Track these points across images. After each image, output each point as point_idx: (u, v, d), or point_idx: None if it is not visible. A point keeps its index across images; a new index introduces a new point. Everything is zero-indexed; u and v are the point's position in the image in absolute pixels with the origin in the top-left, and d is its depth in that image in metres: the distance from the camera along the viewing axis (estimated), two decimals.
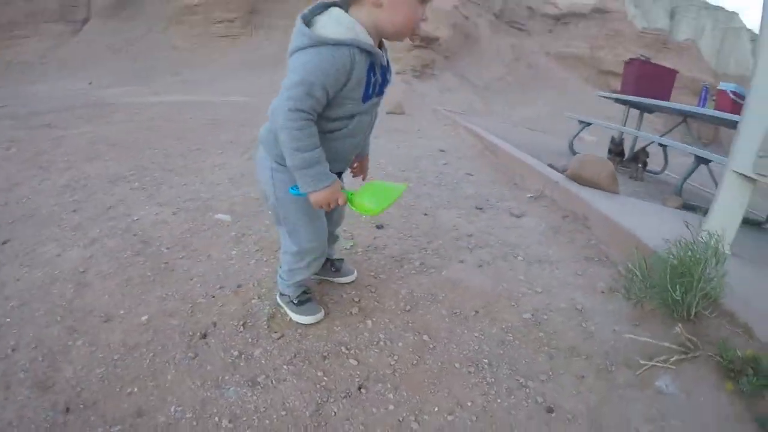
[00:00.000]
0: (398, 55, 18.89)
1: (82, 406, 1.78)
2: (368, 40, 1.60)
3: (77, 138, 5.94)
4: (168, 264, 2.74)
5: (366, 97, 1.71)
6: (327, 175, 1.70)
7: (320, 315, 2.24)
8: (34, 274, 2.65)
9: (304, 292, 2.26)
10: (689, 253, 2.22)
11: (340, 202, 1.77)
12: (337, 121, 1.73)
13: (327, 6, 1.64)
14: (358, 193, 1.81)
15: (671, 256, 2.27)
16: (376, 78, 1.71)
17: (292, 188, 1.81)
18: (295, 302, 2.23)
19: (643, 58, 7.60)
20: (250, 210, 3.53)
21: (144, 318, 2.26)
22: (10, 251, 2.93)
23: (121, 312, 2.31)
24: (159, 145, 5.65)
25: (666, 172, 7.17)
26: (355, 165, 2.14)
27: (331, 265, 2.53)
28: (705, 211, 3.07)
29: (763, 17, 2.79)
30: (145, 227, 3.20)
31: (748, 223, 4.83)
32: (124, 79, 19.14)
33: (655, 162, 7.07)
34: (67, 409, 1.76)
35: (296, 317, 2.22)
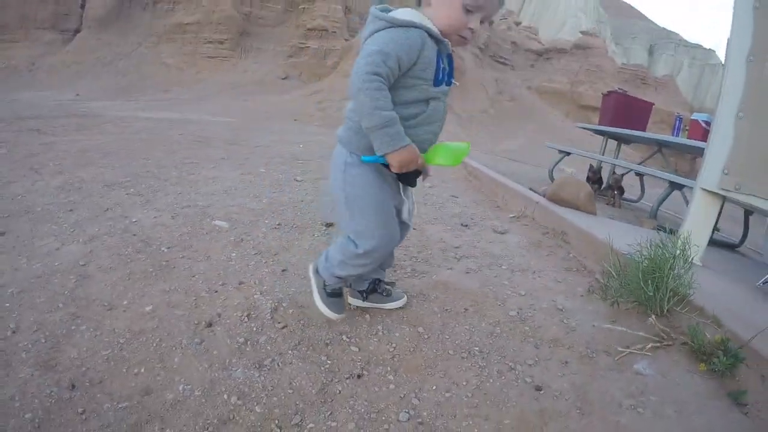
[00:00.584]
0: None
1: (87, 383, 1.83)
2: (435, 28, 1.77)
3: (68, 144, 5.98)
4: (169, 262, 2.81)
5: (437, 81, 1.82)
6: (404, 136, 1.73)
7: (342, 316, 2.20)
8: (33, 265, 2.69)
9: (340, 288, 2.24)
10: (659, 252, 2.39)
11: (420, 162, 1.81)
12: (414, 105, 1.81)
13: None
14: (431, 152, 1.87)
15: (642, 256, 2.44)
16: (444, 66, 1.83)
17: (365, 157, 1.85)
18: (327, 291, 2.18)
19: (620, 91, 7.91)
20: (248, 219, 3.62)
21: (148, 308, 2.33)
22: (6, 243, 2.95)
23: (125, 302, 2.37)
24: (151, 156, 5.71)
25: (643, 201, 7.42)
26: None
27: (383, 290, 2.40)
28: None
29: (728, 47, 3.06)
30: (144, 228, 3.26)
31: (724, 246, 5.05)
32: (112, 93, 19.18)
33: (632, 192, 7.32)
34: (73, 386, 1.81)
35: (320, 305, 2.17)
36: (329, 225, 3.61)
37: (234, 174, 5.13)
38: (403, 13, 1.76)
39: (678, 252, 2.40)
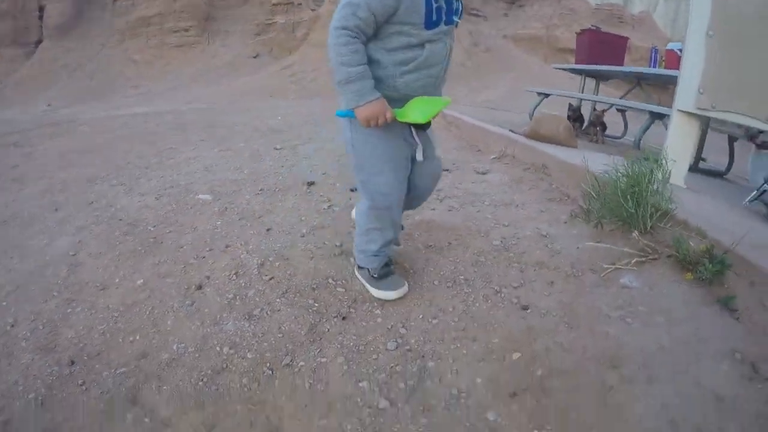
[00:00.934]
0: None
1: (86, 357, 1.90)
2: None
3: (47, 152, 5.95)
4: (156, 238, 2.85)
5: (429, 24, 1.71)
6: (372, 91, 1.72)
7: (404, 289, 2.09)
8: (25, 263, 2.73)
9: (386, 264, 2.13)
10: (636, 168, 2.40)
11: (388, 116, 1.76)
12: (407, 50, 1.75)
13: None
14: (405, 108, 1.81)
15: (619, 173, 2.46)
16: (439, 4, 1.70)
17: (338, 111, 1.84)
18: (375, 276, 2.11)
19: (594, 28, 7.82)
20: (230, 190, 3.64)
21: (139, 282, 2.38)
22: None
23: (117, 280, 2.43)
24: (130, 149, 5.70)
25: (626, 137, 7.40)
26: None
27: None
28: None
29: None
30: (130, 213, 3.30)
31: (711, 174, 5.08)
32: (83, 98, 19.00)
33: (616, 130, 7.32)
34: (72, 362, 1.87)
35: (377, 293, 2.10)
36: (311, 184, 3.64)
37: (213, 152, 5.14)
38: None
39: (654, 166, 2.40)
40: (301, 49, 22.18)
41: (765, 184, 3.28)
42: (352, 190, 3.47)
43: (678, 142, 3.24)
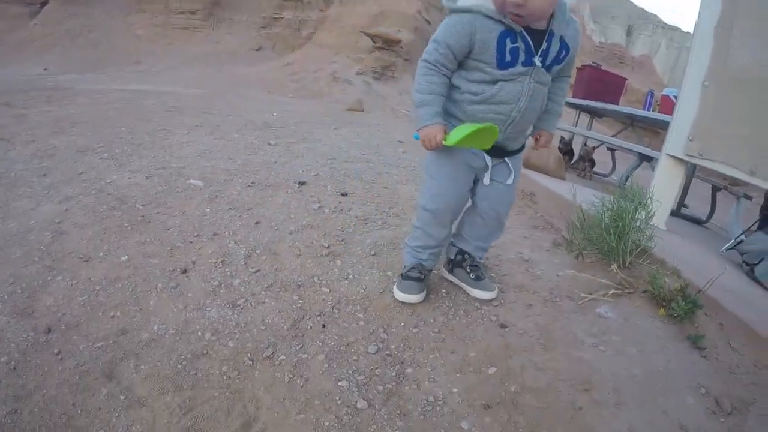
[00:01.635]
0: (360, 56, 19.13)
1: (64, 327, 1.90)
2: (492, 9, 1.72)
3: (39, 116, 5.90)
4: (144, 217, 2.85)
5: (502, 64, 1.77)
6: (432, 117, 1.84)
7: (415, 297, 2.14)
8: (7, 224, 2.71)
9: (415, 269, 2.19)
10: (621, 204, 2.48)
11: (438, 139, 1.83)
12: (478, 84, 1.84)
13: None
14: (452, 134, 1.84)
15: (605, 208, 2.54)
16: (517, 45, 1.75)
17: (415, 134, 1.94)
18: (403, 275, 2.20)
19: (594, 65, 7.96)
20: (221, 178, 3.65)
21: (124, 258, 2.38)
22: None
23: (101, 254, 2.42)
24: (124, 124, 5.67)
25: (613, 176, 7.54)
26: (537, 135, 2.13)
27: (471, 269, 2.30)
28: None
29: (698, 17, 3.15)
30: (120, 188, 3.28)
31: (692, 221, 5.20)
32: (82, 66, 18.81)
33: (604, 169, 7.44)
34: (49, 330, 1.87)
35: (394, 290, 2.19)
36: (302, 183, 3.65)
37: (208, 139, 5.13)
38: None
39: (638, 203, 2.48)
40: (305, 48, 22.16)
41: (742, 235, 3.39)
42: (342, 194, 3.49)
43: (663, 185, 3.34)
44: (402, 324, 2.00)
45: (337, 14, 22.98)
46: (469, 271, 2.27)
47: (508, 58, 1.76)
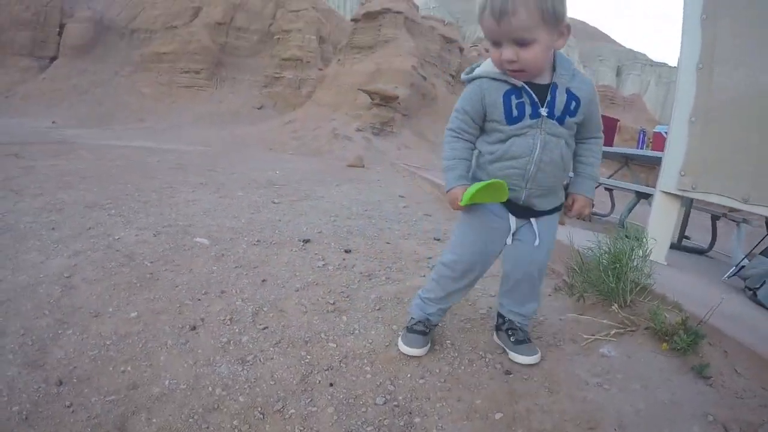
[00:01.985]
0: (359, 112, 19.55)
1: (75, 380, 1.92)
2: (496, 71, 1.87)
3: (47, 169, 6.04)
4: (153, 274, 2.91)
5: (510, 120, 1.86)
6: (455, 180, 1.96)
7: (418, 351, 2.17)
8: (18, 277, 2.77)
9: (420, 323, 2.24)
10: (618, 246, 2.55)
11: (454, 206, 1.98)
12: (494, 144, 1.93)
13: None
14: (465, 195, 1.90)
15: (602, 250, 2.61)
16: (522, 100, 1.84)
17: None
18: (408, 327, 2.26)
19: None
20: (227, 237, 3.73)
21: (133, 314, 2.43)
22: None
23: (110, 309, 2.47)
24: (130, 181, 5.80)
25: (612, 215, 7.63)
26: (570, 200, 2.14)
27: (511, 333, 2.25)
28: None
29: (679, 56, 3.31)
30: (128, 245, 3.36)
31: (694, 251, 5.26)
32: (88, 121, 19.13)
33: (603, 209, 7.55)
34: (60, 382, 1.89)
35: (399, 342, 2.24)
36: (306, 241, 3.73)
37: (213, 197, 5.24)
38: (479, 67, 1.96)
39: (635, 244, 2.55)
40: (305, 106, 22.70)
41: (743, 260, 3.43)
42: (346, 251, 3.57)
43: (660, 221, 3.45)
44: (408, 375, 2.04)
45: (335, 73, 23.59)
46: (510, 334, 2.24)
47: (515, 113, 1.85)
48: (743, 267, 3.36)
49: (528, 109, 1.84)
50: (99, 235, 3.53)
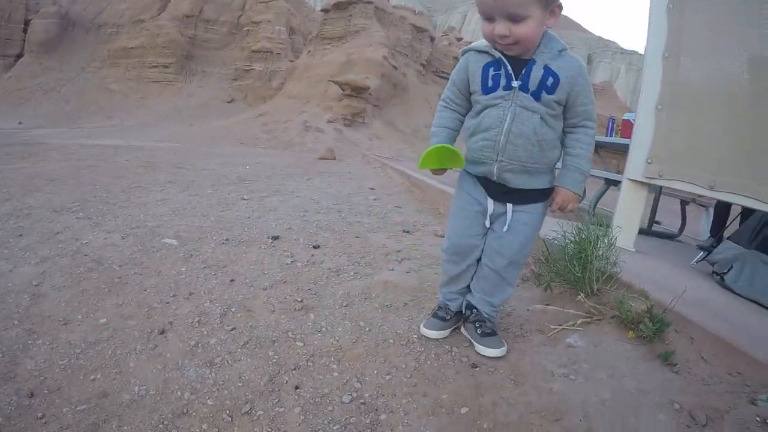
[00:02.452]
0: (330, 104, 19.49)
1: (46, 391, 1.95)
2: (484, 44, 1.97)
3: (13, 173, 5.95)
4: (121, 278, 2.92)
5: (486, 89, 1.96)
6: (434, 142, 2.05)
7: (433, 333, 2.30)
8: None
9: (442, 309, 2.36)
10: (583, 235, 2.61)
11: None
12: (474, 115, 2.05)
13: None
14: (422, 158, 1.98)
15: (567, 240, 2.67)
16: (498, 73, 1.93)
17: None
18: (432, 313, 2.39)
19: None
20: (196, 236, 3.74)
21: (102, 320, 2.45)
22: None
23: (79, 317, 2.48)
24: (99, 182, 5.74)
25: (584, 202, 7.75)
26: (554, 193, 2.12)
27: (478, 324, 2.25)
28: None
29: (646, 45, 3.40)
30: (95, 249, 3.35)
31: (665, 237, 5.40)
32: (56, 120, 18.81)
33: None
34: (32, 394, 1.92)
35: (421, 326, 2.35)
36: (275, 238, 3.76)
37: (182, 196, 5.23)
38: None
39: (601, 232, 2.60)
40: (276, 99, 22.55)
41: (711, 246, 3.53)
42: (315, 247, 3.61)
43: (628, 208, 3.54)
44: (375, 372, 2.09)
45: (305, 64, 23.46)
46: (477, 326, 2.23)
47: (490, 83, 1.95)
48: (710, 252, 3.45)
49: (502, 81, 1.93)
50: (67, 239, 3.52)
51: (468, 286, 2.31)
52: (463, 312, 2.34)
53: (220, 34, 31.95)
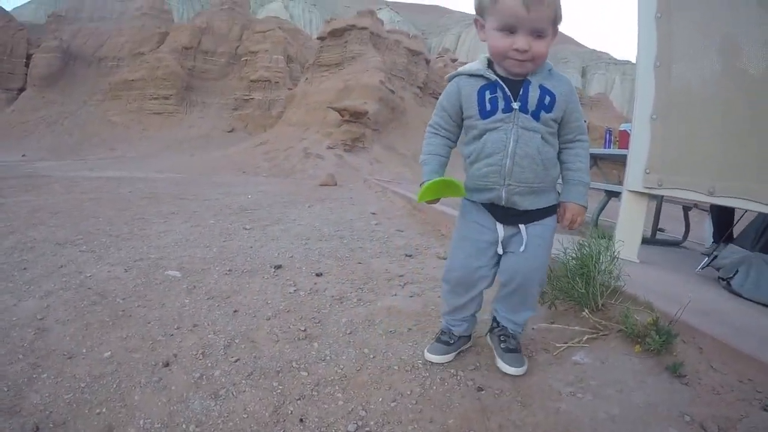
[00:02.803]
0: (329, 130, 19.62)
1: (51, 425, 1.93)
2: (477, 67, 1.97)
3: (17, 206, 6.00)
4: (125, 311, 2.93)
5: (485, 114, 1.94)
6: (427, 175, 2.06)
7: (436, 357, 2.29)
8: None
9: (445, 333, 2.35)
10: (585, 251, 2.61)
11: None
12: (472, 141, 2.01)
13: None
14: (420, 192, 2.01)
15: (569, 256, 2.67)
16: (495, 95, 1.92)
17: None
18: (436, 337, 2.38)
19: None
20: (199, 267, 3.76)
21: (107, 354, 2.44)
22: None
23: (84, 350, 2.48)
24: (102, 214, 5.79)
25: (586, 215, 7.74)
26: (561, 211, 2.14)
27: (503, 339, 2.28)
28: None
29: (637, 55, 3.44)
30: (99, 282, 3.37)
31: (669, 244, 5.39)
32: (59, 153, 18.98)
33: None
34: (37, 428, 1.90)
35: (425, 351, 2.34)
36: (277, 267, 3.78)
37: (184, 227, 5.26)
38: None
39: (602, 246, 2.59)
40: (276, 127, 22.74)
41: (715, 251, 3.49)
42: (317, 275, 3.62)
43: (629, 219, 3.54)
44: (380, 399, 2.08)
45: (303, 92, 23.67)
46: (501, 339, 2.26)
47: (488, 107, 1.92)
48: (715, 257, 3.41)
49: (501, 104, 1.91)
50: (71, 273, 3.54)
51: (474, 314, 2.33)
52: (491, 323, 2.39)
53: (219, 65, 32.36)
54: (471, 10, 2.08)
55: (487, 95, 1.93)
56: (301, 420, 1.98)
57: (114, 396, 2.12)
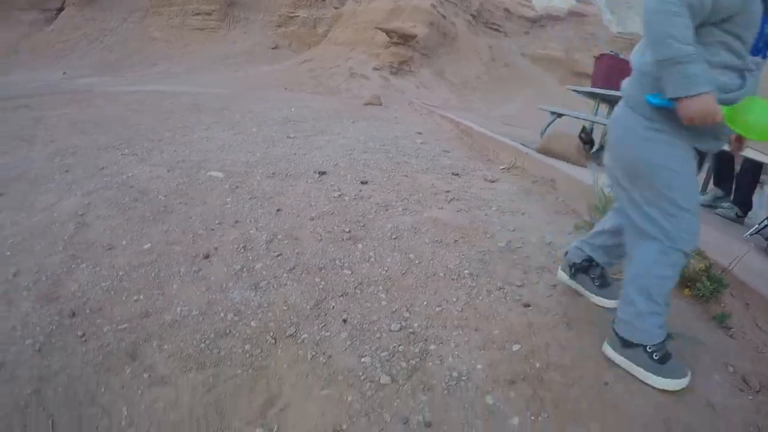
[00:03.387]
0: (377, 51, 19.13)
1: (88, 311, 1.91)
2: None
3: (58, 118, 5.98)
4: (166, 207, 2.87)
5: (756, 49, 1.42)
6: (707, 81, 1.36)
7: (687, 379, 1.59)
8: (32, 217, 2.74)
9: (662, 347, 1.64)
10: None
11: (717, 118, 1.39)
12: (727, 72, 1.44)
13: None
14: (737, 111, 1.44)
15: None
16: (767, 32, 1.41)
17: (649, 96, 1.50)
18: (655, 357, 1.61)
19: (612, 53, 7.84)
20: (242, 170, 3.67)
21: (147, 246, 2.39)
22: (5, 203, 2.99)
23: (124, 242, 2.43)
24: (144, 123, 5.74)
25: None
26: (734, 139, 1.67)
27: (599, 276, 2.00)
28: None
29: None
30: (141, 181, 3.31)
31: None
32: (100, 70, 19.04)
33: None
34: (73, 314, 1.88)
35: (656, 380, 1.58)
36: (322, 173, 3.66)
37: (227, 134, 5.17)
38: None
39: None
40: (321, 46, 22.26)
41: (766, 219, 3.31)
42: (362, 183, 3.48)
43: None
44: (425, 303, 1.99)
45: (352, 11, 23.02)
46: (593, 277, 1.99)
47: (761, 43, 1.42)
48: (766, 226, 3.24)
49: (764, 46, 1.44)
50: (112, 174, 3.49)
51: None
52: (578, 263, 2.03)
53: None
54: None
55: (766, 29, 1.42)
56: (344, 314, 1.89)
57: (152, 284, 2.07)
